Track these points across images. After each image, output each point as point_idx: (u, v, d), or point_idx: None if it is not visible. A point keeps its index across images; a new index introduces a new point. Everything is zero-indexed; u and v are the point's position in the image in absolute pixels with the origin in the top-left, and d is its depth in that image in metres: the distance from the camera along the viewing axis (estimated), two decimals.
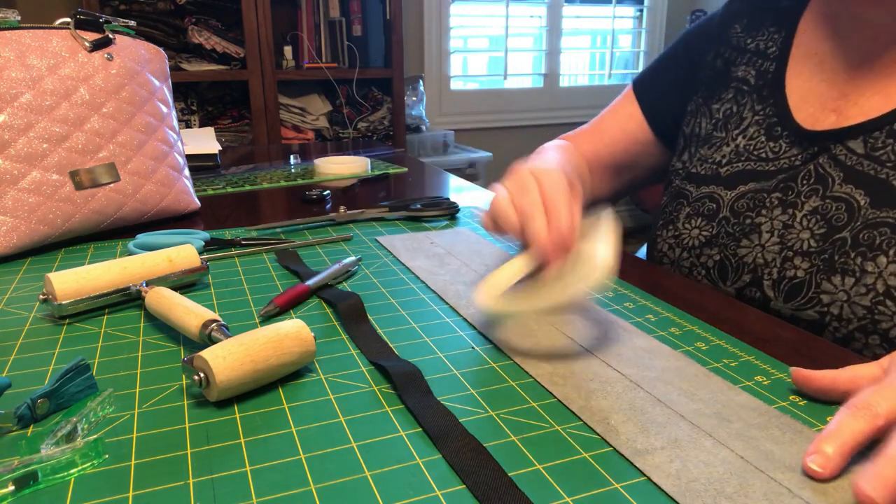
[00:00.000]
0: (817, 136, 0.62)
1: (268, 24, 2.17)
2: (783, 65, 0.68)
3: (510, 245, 0.74)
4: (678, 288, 0.63)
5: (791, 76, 0.67)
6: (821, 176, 0.61)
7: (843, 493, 0.34)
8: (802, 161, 0.63)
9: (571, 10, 3.17)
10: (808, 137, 0.63)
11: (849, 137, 0.60)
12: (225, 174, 1.11)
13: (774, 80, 0.68)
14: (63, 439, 0.37)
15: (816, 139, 0.62)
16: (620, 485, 0.35)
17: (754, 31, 0.72)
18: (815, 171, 0.62)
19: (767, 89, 0.69)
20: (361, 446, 0.38)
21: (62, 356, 0.48)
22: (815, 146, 0.62)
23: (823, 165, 0.61)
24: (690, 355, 0.48)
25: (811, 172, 0.62)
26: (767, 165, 0.66)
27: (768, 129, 0.67)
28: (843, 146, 0.60)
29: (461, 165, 2.66)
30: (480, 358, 0.48)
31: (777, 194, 0.64)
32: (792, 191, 0.63)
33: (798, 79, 0.67)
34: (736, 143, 0.69)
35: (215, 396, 0.41)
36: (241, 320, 0.54)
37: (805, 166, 0.63)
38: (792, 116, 0.65)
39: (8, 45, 0.68)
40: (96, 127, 0.72)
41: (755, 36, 0.72)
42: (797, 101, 0.66)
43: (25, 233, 0.67)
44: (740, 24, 0.74)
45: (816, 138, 0.62)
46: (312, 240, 0.74)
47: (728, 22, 0.75)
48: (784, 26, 0.70)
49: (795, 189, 0.63)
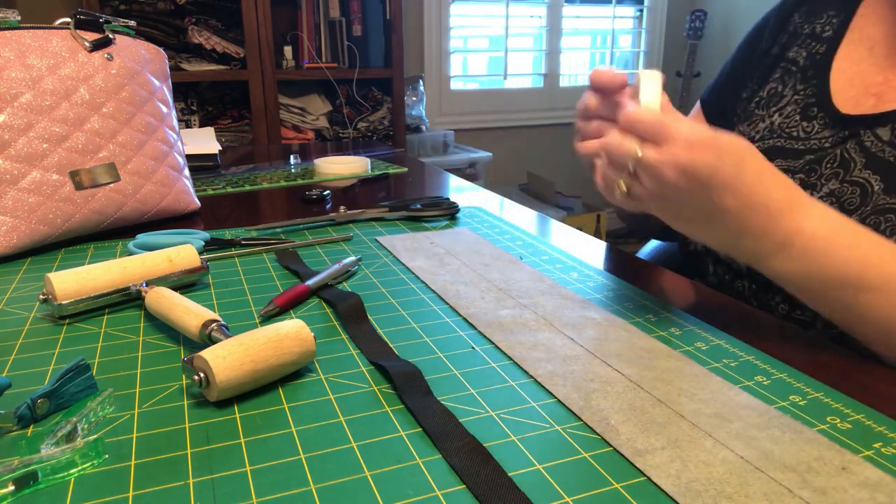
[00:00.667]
0: (850, 121, 0.63)
1: (268, 24, 2.17)
2: (834, 48, 0.68)
3: (510, 245, 0.74)
4: (678, 288, 0.63)
5: (840, 59, 0.67)
6: (844, 160, 0.61)
7: (843, 493, 0.34)
8: (832, 144, 0.63)
9: (571, 10, 3.17)
10: (841, 121, 0.63)
11: (879, 124, 0.60)
12: (225, 174, 1.11)
13: (821, 61, 0.68)
14: (63, 439, 0.37)
15: (849, 123, 0.63)
16: (620, 485, 0.35)
17: (813, 17, 0.72)
18: (840, 156, 0.62)
19: (812, 70, 0.68)
20: (361, 446, 0.38)
21: (62, 356, 0.48)
22: (847, 130, 0.62)
23: (849, 150, 0.61)
24: (690, 355, 0.49)
25: (836, 156, 0.62)
26: (797, 144, 0.66)
27: (804, 109, 0.67)
28: (872, 132, 0.61)
29: (461, 165, 2.66)
30: (480, 358, 0.48)
31: (801, 175, 0.64)
32: (815, 172, 0.63)
33: (846, 61, 0.67)
34: (772, 119, 0.69)
35: (215, 396, 0.41)
36: (241, 320, 0.54)
37: (833, 150, 0.63)
38: (830, 99, 0.65)
39: (8, 45, 0.68)
40: (96, 127, 0.72)
41: (813, 21, 0.72)
42: (842, 84, 0.66)
43: (25, 233, 0.67)
44: (799, 12, 0.74)
45: (849, 122, 0.63)
46: (312, 240, 0.74)
47: (788, 13, 0.75)
48: (844, 9, 0.69)
49: (818, 171, 0.63)
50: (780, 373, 0.46)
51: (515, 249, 0.73)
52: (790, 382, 0.45)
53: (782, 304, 0.62)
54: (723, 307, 0.58)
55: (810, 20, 0.72)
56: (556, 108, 3.22)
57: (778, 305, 0.63)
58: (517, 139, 3.18)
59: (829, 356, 0.49)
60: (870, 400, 0.43)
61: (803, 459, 0.36)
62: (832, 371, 0.47)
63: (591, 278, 0.64)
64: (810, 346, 0.51)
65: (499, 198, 0.98)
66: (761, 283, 0.64)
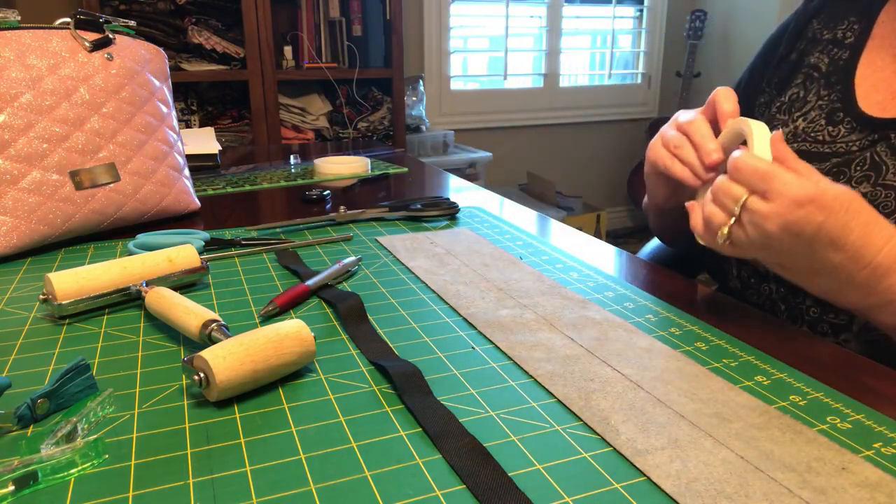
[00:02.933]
0: (879, 124, 0.62)
1: (268, 24, 2.17)
2: (857, 53, 0.68)
3: (510, 245, 0.74)
4: (678, 288, 0.63)
5: (864, 65, 0.67)
6: (875, 163, 0.61)
7: (842, 493, 0.34)
8: (859, 147, 0.63)
9: (571, 10, 3.17)
10: (869, 124, 0.63)
11: None
12: (225, 174, 1.11)
13: (845, 67, 0.68)
14: (63, 439, 0.37)
15: (878, 126, 0.62)
16: (620, 485, 0.35)
17: (833, 23, 0.72)
18: (870, 159, 0.61)
19: (836, 76, 0.68)
20: (361, 446, 0.38)
21: (62, 356, 0.48)
22: (876, 133, 0.62)
23: (880, 153, 0.61)
24: (690, 355, 0.49)
25: (867, 159, 0.61)
26: (822, 147, 0.65)
27: (829, 114, 0.66)
28: None
29: (461, 165, 2.66)
30: (480, 358, 0.48)
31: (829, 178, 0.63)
32: (844, 175, 0.62)
33: (870, 67, 0.66)
34: (796, 124, 0.69)
35: (215, 396, 0.41)
36: (241, 320, 0.54)
37: (861, 153, 0.62)
38: (856, 103, 0.65)
39: (8, 45, 0.68)
40: (96, 127, 0.72)
41: (833, 27, 0.71)
42: (867, 90, 0.65)
43: (25, 233, 0.67)
44: (819, 19, 0.73)
45: (878, 125, 0.62)
46: (312, 240, 0.74)
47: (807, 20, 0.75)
48: (865, 16, 0.69)
49: (848, 174, 0.62)
50: (780, 373, 0.46)
51: (515, 249, 0.73)
52: (790, 382, 0.45)
53: (813, 308, 0.62)
54: (723, 307, 0.58)
55: (830, 26, 0.72)
56: (556, 108, 3.22)
57: (808, 309, 0.62)
58: (517, 139, 3.18)
59: (830, 356, 0.49)
60: (870, 400, 0.43)
61: (803, 459, 0.36)
62: (832, 371, 0.47)
63: (591, 278, 0.64)
64: (811, 346, 0.51)
65: (499, 198, 0.98)
66: (790, 287, 0.64)
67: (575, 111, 3.26)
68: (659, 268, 0.69)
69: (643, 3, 3.32)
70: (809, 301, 0.62)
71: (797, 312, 0.63)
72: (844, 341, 0.60)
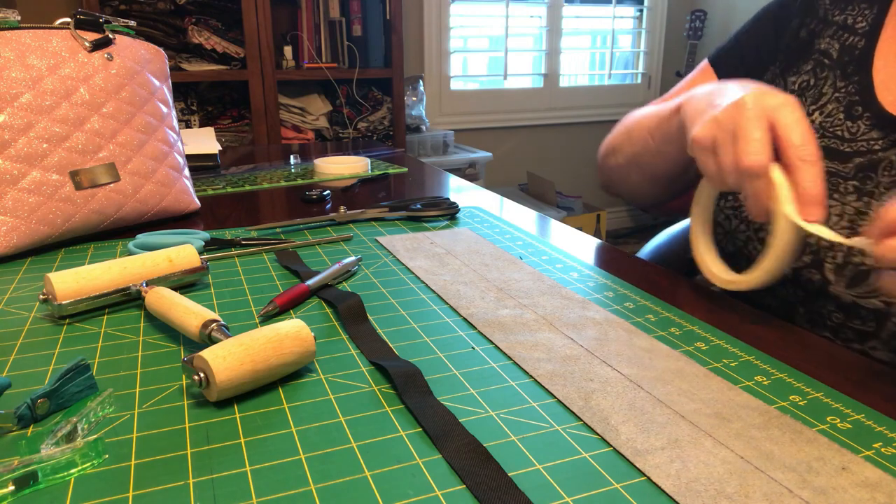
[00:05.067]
0: None
1: (268, 24, 2.17)
2: (873, 43, 0.64)
3: (510, 245, 0.74)
4: (678, 288, 0.63)
5: (879, 56, 0.63)
6: None
7: (842, 493, 0.34)
8: (882, 148, 0.60)
9: (571, 11, 3.17)
10: (891, 122, 0.60)
11: None
12: (225, 174, 1.11)
13: (861, 57, 0.64)
14: (63, 439, 0.37)
15: None
16: (620, 485, 0.35)
17: (843, 4, 0.68)
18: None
19: (852, 66, 0.65)
20: (361, 446, 0.38)
21: (62, 356, 0.48)
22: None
23: None
24: (690, 355, 0.49)
25: (893, 163, 0.59)
26: (843, 146, 0.62)
27: (848, 108, 0.63)
28: None
29: (461, 165, 2.66)
30: (480, 358, 0.48)
31: (854, 182, 0.60)
32: (871, 180, 0.59)
33: (885, 59, 0.63)
34: (812, 118, 0.66)
35: (215, 396, 0.41)
36: (241, 320, 0.54)
37: (885, 154, 0.59)
38: (876, 98, 0.62)
39: (8, 45, 0.68)
40: (96, 127, 0.72)
41: (844, 9, 0.68)
42: (883, 82, 0.62)
43: (25, 233, 0.67)
44: None
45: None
46: (312, 240, 0.74)
47: None
48: (877, 2, 0.66)
49: (875, 179, 0.59)
50: (780, 373, 0.46)
51: (515, 249, 0.73)
52: (790, 382, 0.45)
53: (836, 313, 0.59)
54: (724, 307, 0.58)
55: (840, 6, 0.68)
56: (556, 108, 3.22)
57: (831, 314, 0.60)
58: (517, 139, 3.18)
59: (830, 356, 0.49)
60: (870, 400, 0.43)
61: (803, 459, 0.36)
62: (832, 371, 0.47)
63: (591, 278, 0.64)
64: (811, 346, 0.51)
65: (499, 198, 0.98)
66: (810, 291, 0.61)
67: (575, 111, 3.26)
68: (659, 268, 0.69)
69: (643, 3, 3.32)
70: (832, 306, 0.59)
71: (817, 317, 0.61)
72: (871, 349, 0.58)
